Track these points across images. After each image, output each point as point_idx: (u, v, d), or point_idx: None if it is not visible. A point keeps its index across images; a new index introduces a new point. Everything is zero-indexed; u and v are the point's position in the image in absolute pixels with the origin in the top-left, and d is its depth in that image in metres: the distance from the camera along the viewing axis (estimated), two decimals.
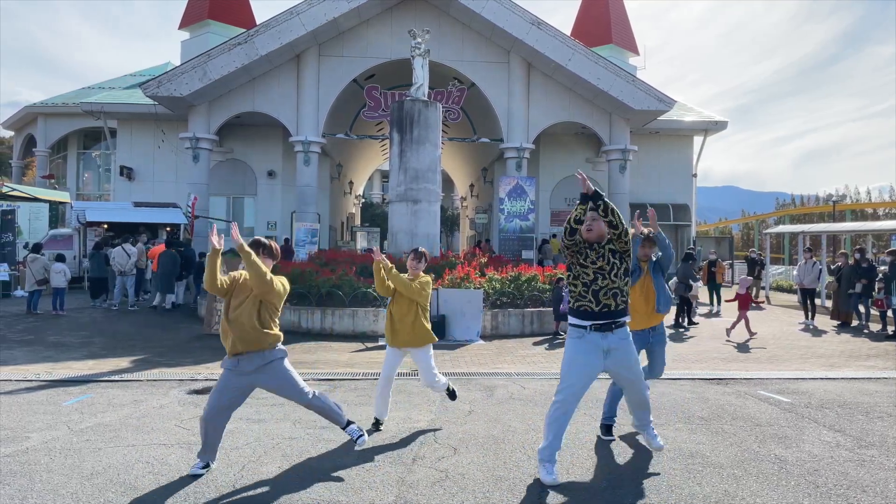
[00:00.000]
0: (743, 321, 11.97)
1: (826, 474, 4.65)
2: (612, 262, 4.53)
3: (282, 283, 4.61)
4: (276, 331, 4.62)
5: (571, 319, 4.65)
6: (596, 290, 4.50)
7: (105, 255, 15.36)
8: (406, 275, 5.81)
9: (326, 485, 4.36)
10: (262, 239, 4.74)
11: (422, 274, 5.86)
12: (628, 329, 4.69)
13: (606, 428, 5.58)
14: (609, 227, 4.49)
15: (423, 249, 5.97)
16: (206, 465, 4.59)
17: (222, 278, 4.44)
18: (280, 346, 4.67)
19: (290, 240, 19.74)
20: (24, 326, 12.12)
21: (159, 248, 15.96)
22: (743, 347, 11.01)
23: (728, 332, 12.08)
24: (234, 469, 4.63)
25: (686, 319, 13.66)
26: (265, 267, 4.43)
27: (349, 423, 4.99)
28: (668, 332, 12.50)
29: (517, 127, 21.31)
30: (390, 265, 5.74)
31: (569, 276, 4.68)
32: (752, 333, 11.94)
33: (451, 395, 6.18)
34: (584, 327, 4.54)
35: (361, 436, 4.98)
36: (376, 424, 5.78)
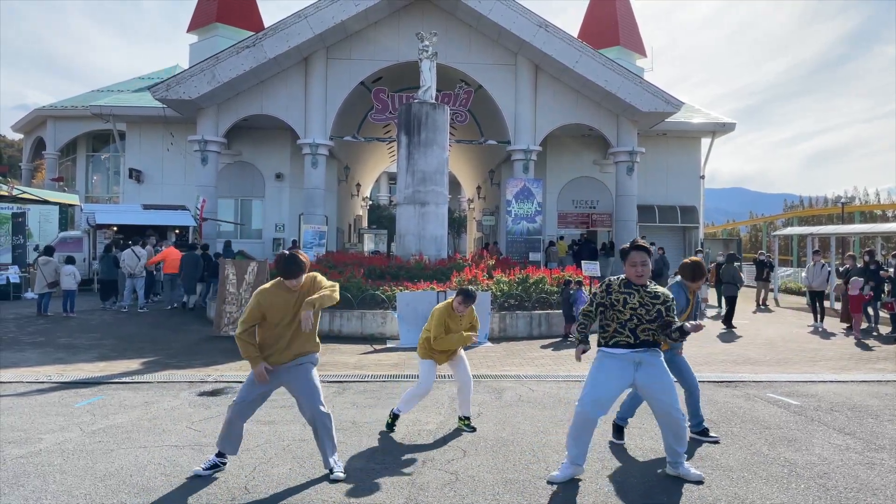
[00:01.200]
0: (854, 320, 12.52)
1: (836, 477, 4.64)
2: (651, 309, 4.52)
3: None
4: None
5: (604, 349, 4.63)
6: (633, 328, 4.49)
7: (114, 258, 15.46)
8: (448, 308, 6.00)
9: (337, 486, 4.38)
10: (290, 254, 4.64)
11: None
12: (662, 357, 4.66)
13: (618, 430, 5.56)
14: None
15: (474, 290, 6.14)
16: (216, 466, 4.62)
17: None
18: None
19: (297, 241, 19.80)
20: (35, 328, 12.20)
21: (168, 251, 16.05)
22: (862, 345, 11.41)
23: (854, 334, 12.44)
24: (245, 471, 4.67)
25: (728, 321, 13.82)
26: (328, 297, 4.61)
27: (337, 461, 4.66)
28: (721, 330, 13.07)
29: (524, 129, 21.32)
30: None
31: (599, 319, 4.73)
32: (857, 336, 12.24)
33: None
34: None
35: (341, 475, 4.56)
36: (395, 421, 5.87)
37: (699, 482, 4.48)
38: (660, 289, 4.62)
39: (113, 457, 4.95)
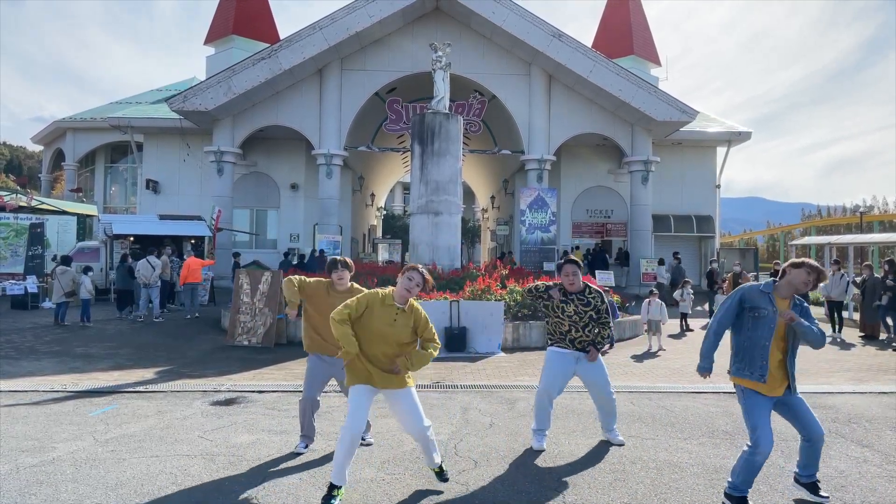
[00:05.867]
0: None
1: (853, 490, 4.56)
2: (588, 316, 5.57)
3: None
4: None
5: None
6: (571, 339, 5.59)
7: (129, 267, 15.56)
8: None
9: (348, 496, 4.36)
10: (338, 259, 5.46)
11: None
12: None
13: (811, 486, 4.39)
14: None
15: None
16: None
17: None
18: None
19: (325, 252, 19.78)
20: (52, 337, 12.31)
21: (190, 260, 16.15)
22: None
23: None
24: (255, 481, 4.66)
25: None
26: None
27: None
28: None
29: (538, 139, 21.31)
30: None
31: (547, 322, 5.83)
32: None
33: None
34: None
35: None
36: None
37: (620, 445, 5.61)
38: (592, 293, 5.62)
39: (125, 466, 4.97)
